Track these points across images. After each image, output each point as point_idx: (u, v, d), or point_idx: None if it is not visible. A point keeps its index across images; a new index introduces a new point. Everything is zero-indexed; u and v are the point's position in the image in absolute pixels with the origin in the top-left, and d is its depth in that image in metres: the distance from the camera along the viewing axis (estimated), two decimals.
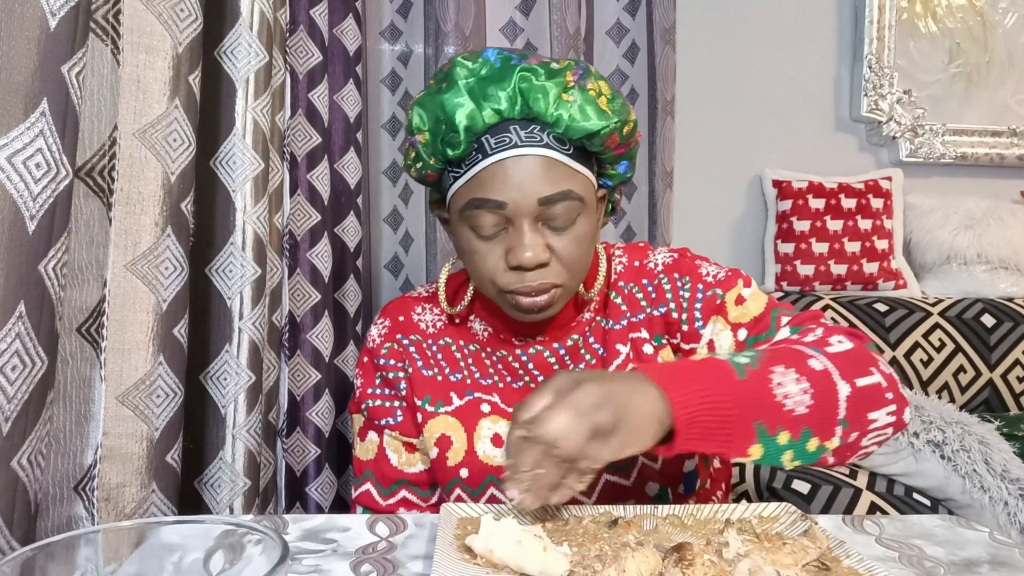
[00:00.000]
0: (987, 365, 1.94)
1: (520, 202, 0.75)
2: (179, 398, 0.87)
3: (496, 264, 0.77)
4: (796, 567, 0.57)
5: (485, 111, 0.74)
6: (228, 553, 0.47)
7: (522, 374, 0.88)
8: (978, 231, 2.09)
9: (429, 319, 0.92)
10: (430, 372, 0.90)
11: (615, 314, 0.88)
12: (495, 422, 0.87)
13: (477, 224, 0.77)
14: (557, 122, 0.75)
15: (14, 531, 0.63)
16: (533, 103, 0.74)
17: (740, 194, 2.23)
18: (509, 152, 0.75)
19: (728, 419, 0.64)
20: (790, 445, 0.65)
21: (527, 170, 0.75)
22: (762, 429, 0.64)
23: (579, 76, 0.77)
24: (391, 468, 0.91)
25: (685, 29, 1.99)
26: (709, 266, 0.88)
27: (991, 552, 0.68)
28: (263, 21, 1.00)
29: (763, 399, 0.65)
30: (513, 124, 0.75)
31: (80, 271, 0.75)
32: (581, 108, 0.75)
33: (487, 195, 0.75)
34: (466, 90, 0.75)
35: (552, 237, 0.77)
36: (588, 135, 0.76)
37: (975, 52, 2.26)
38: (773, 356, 0.69)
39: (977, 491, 1.46)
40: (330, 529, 0.71)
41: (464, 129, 0.74)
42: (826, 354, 0.70)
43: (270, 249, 1.07)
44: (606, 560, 0.57)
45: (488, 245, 0.78)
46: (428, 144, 0.78)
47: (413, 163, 0.82)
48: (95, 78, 0.75)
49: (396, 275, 1.73)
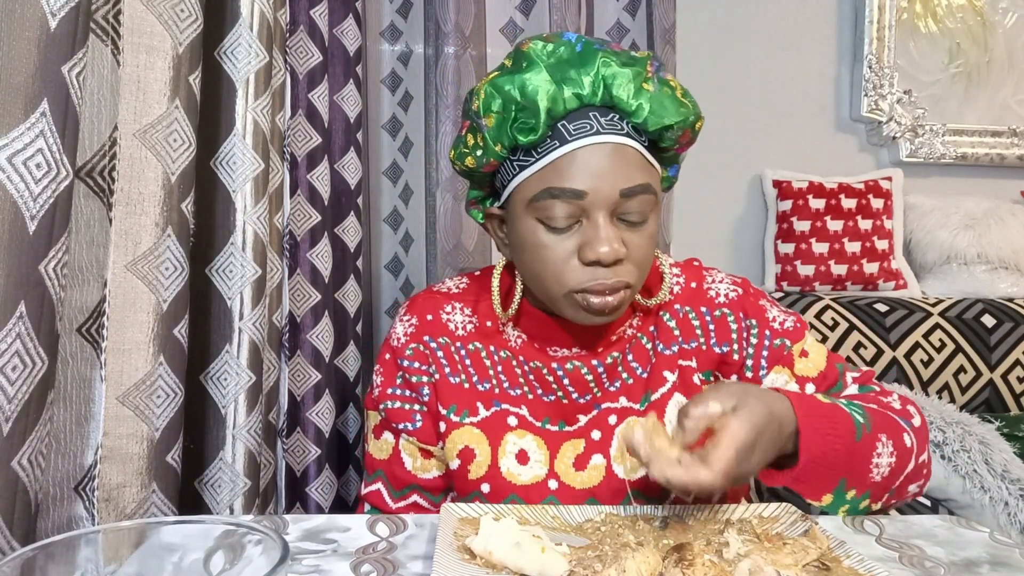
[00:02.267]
0: (987, 365, 1.94)
1: (601, 192, 0.71)
2: (179, 398, 0.87)
3: (567, 260, 0.73)
4: (796, 567, 0.57)
5: (566, 93, 0.71)
6: (228, 553, 0.47)
7: (555, 388, 0.84)
8: (978, 231, 2.09)
9: (459, 320, 0.87)
10: (457, 379, 0.85)
11: (666, 337, 0.84)
12: (521, 436, 0.83)
13: (549, 216, 0.72)
14: (637, 111, 0.72)
15: (14, 531, 0.63)
16: (616, 89, 0.71)
17: (740, 194, 2.23)
18: (590, 139, 0.71)
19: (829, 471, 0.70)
20: (851, 501, 0.72)
21: (608, 159, 0.71)
22: (843, 485, 0.71)
23: (656, 68, 0.75)
24: (404, 471, 0.88)
25: (685, 29, 1.98)
26: (774, 310, 0.85)
27: (991, 552, 0.68)
28: (263, 21, 1.00)
29: (860, 464, 0.71)
30: (593, 111, 0.72)
31: (80, 271, 0.75)
32: (660, 99, 0.73)
33: (565, 184, 0.71)
34: (548, 71, 0.71)
35: (626, 233, 0.73)
36: (665, 128, 0.73)
37: (975, 52, 2.26)
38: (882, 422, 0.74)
39: (977, 491, 1.46)
40: (330, 529, 0.71)
41: (545, 111, 0.70)
42: (913, 428, 0.77)
43: (270, 249, 1.07)
44: (606, 560, 0.57)
45: (559, 239, 0.73)
46: (497, 128, 0.73)
47: (471, 151, 0.77)
48: (95, 78, 0.75)
49: (396, 275, 1.73)
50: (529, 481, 0.82)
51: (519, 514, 0.70)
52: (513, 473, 0.82)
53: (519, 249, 0.77)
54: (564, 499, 0.81)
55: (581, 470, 0.82)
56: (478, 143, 0.76)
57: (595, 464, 0.82)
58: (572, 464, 0.82)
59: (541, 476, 0.82)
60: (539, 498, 0.81)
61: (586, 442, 0.83)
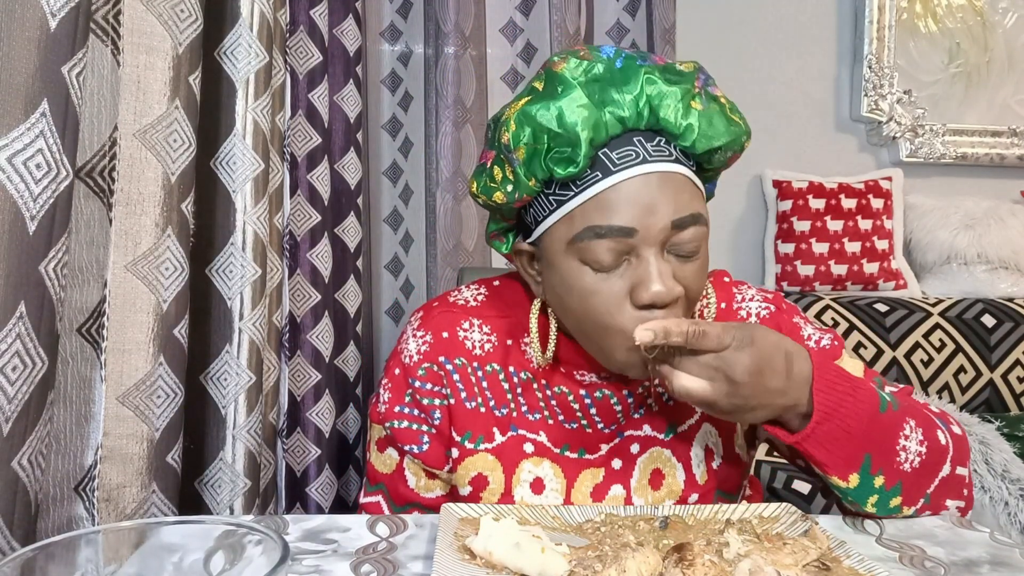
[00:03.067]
0: (987, 365, 1.94)
1: (652, 228, 0.64)
2: (179, 399, 0.87)
3: (615, 303, 0.66)
4: (797, 567, 0.57)
5: (607, 117, 0.63)
6: (228, 553, 0.47)
7: (580, 416, 0.78)
8: (978, 231, 2.09)
9: (477, 338, 0.79)
10: (473, 404, 0.79)
11: None
12: (537, 464, 0.78)
13: (595, 258, 0.65)
14: (686, 134, 0.65)
15: (14, 531, 0.63)
16: (663, 111, 0.64)
17: (740, 194, 2.23)
18: (637, 169, 0.64)
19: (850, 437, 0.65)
20: (880, 491, 0.67)
21: (658, 190, 0.64)
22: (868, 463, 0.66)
23: (704, 81, 0.67)
24: (407, 489, 0.83)
25: (685, 29, 1.99)
26: (808, 327, 0.81)
27: (992, 552, 0.68)
28: (263, 22, 1.00)
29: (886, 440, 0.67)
30: (637, 135, 0.65)
31: (80, 272, 0.75)
32: (709, 118, 0.65)
33: (612, 221, 0.64)
34: (586, 93, 0.63)
35: (678, 267, 0.66)
36: (714, 149, 0.66)
37: (975, 52, 2.26)
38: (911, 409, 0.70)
39: (978, 491, 1.46)
40: (330, 529, 0.71)
41: (587, 142, 0.63)
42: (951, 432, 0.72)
43: (270, 249, 1.07)
44: (606, 560, 0.57)
45: (608, 282, 0.66)
46: (530, 160, 0.65)
47: (500, 186, 0.68)
48: (95, 79, 0.75)
49: (396, 275, 1.73)
50: None
51: (519, 514, 0.70)
52: (527, 503, 0.77)
53: (559, 292, 0.70)
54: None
55: (599, 501, 0.78)
56: (508, 177, 0.68)
57: (614, 495, 0.79)
58: (589, 494, 0.79)
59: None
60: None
61: (605, 471, 0.79)
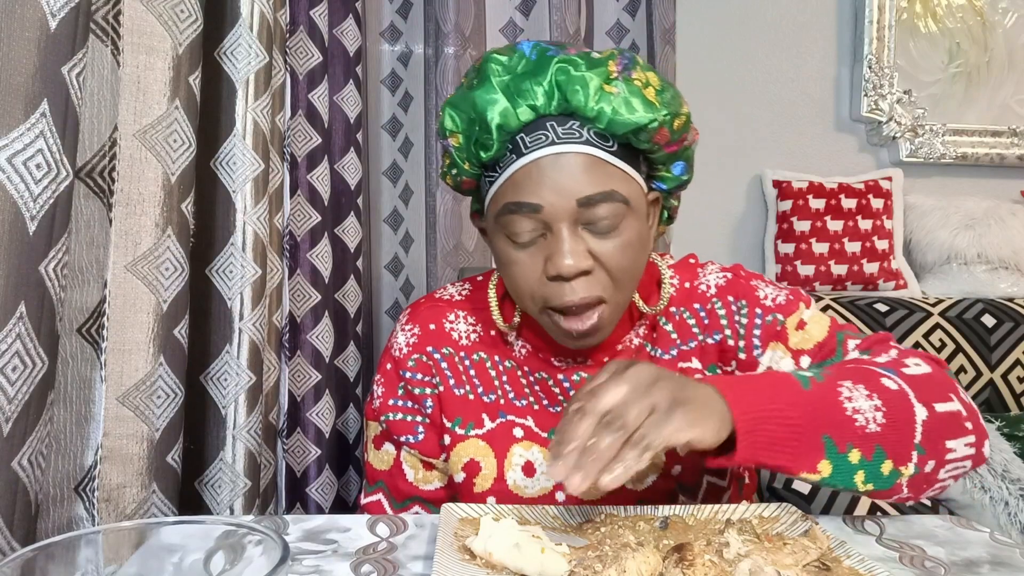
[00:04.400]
0: (987, 365, 1.94)
1: (557, 204, 0.69)
2: (179, 399, 0.87)
3: (535, 276, 0.71)
4: (797, 567, 0.57)
5: (520, 108, 0.69)
6: (229, 554, 0.47)
7: (562, 399, 0.82)
8: (978, 231, 2.09)
9: (463, 329, 0.85)
10: (462, 391, 0.83)
11: (664, 342, 0.82)
12: (527, 448, 0.81)
13: (513, 231, 0.71)
14: (598, 116, 0.69)
15: (14, 532, 0.63)
16: (571, 96, 0.68)
17: (740, 194, 2.23)
18: (545, 150, 0.69)
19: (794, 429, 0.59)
20: (862, 465, 0.61)
21: (564, 169, 0.69)
22: (831, 444, 0.60)
23: (623, 66, 0.70)
24: (406, 483, 0.86)
25: (685, 29, 1.99)
26: (766, 287, 0.81)
27: (992, 552, 0.68)
28: (263, 22, 1.00)
29: (831, 412, 0.61)
30: (550, 121, 0.70)
31: (80, 272, 0.75)
32: (626, 100, 0.69)
33: (521, 198, 0.70)
34: (500, 87, 0.69)
35: (595, 243, 0.70)
36: (634, 130, 0.70)
37: (975, 52, 2.26)
38: (841, 371, 0.65)
39: (978, 491, 1.46)
40: (330, 530, 0.71)
41: (497, 128, 0.69)
42: (901, 375, 0.66)
43: (270, 250, 1.07)
44: (606, 560, 0.57)
45: (526, 255, 0.72)
46: (462, 147, 0.73)
47: (448, 170, 0.77)
48: (95, 79, 0.75)
49: (396, 276, 1.73)
50: (536, 494, 0.81)
51: (519, 514, 0.70)
52: (520, 486, 0.81)
53: (498, 265, 0.77)
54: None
55: None
56: (453, 161, 0.76)
57: None
58: None
59: (548, 488, 0.81)
60: None
61: None
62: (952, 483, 0.66)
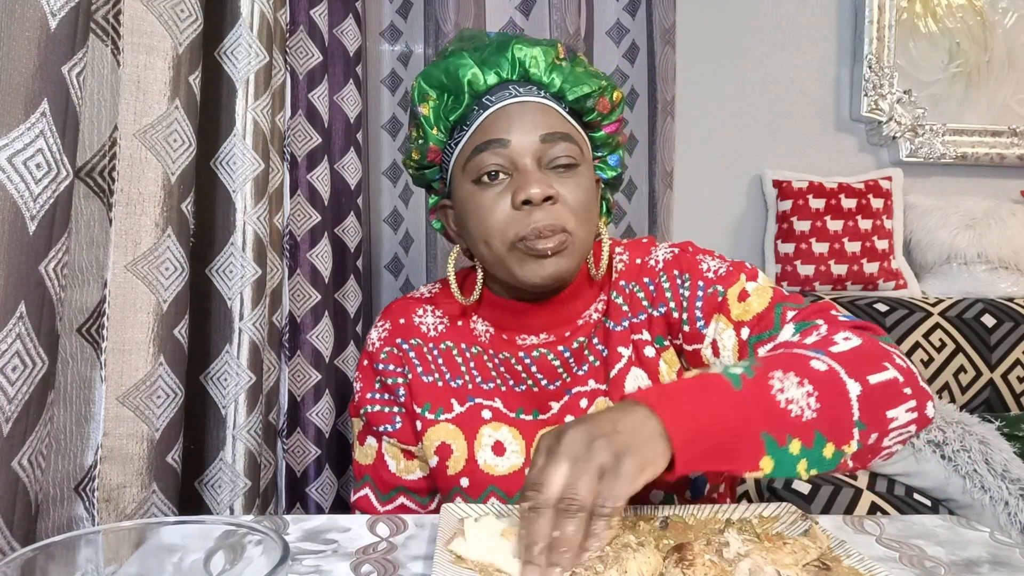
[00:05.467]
0: (987, 365, 1.94)
1: (523, 140, 0.78)
2: (179, 399, 0.87)
3: (504, 211, 0.78)
4: (797, 567, 0.57)
5: (487, 74, 0.80)
6: (229, 554, 0.47)
7: (525, 377, 0.86)
8: (978, 231, 2.09)
9: (431, 322, 0.90)
10: (430, 378, 0.88)
11: (616, 315, 0.86)
12: (496, 429, 0.85)
13: (480, 170, 0.78)
14: (551, 83, 0.80)
15: (15, 532, 0.63)
16: (530, 66, 0.80)
17: (740, 194, 2.23)
18: (509, 100, 0.79)
19: (730, 433, 0.59)
20: (804, 454, 0.61)
21: (527, 112, 0.79)
22: (770, 440, 0.60)
23: (568, 51, 0.83)
24: (389, 474, 0.90)
25: (685, 29, 1.99)
26: (711, 260, 0.84)
27: (992, 552, 0.68)
28: (263, 22, 1.00)
29: (766, 408, 0.61)
30: (511, 84, 0.81)
31: (80, 272, 0.75)
32: (572, 72, 0.81)
33: (489, 137, 0.78)
34: (470, 57, 0.80)
35: (555, 180, 0.78)
36: (583, 96, 0.81)
37: (975, 52, 2.26)
38: (769, 362, 0.65)
39: (978, 491, 1.46)
40: (330, 529, 0.71)
41: (468, 84, 0.79)
42: (829, 354, 0.66)
43: (270, 250, 1.07)
44: (607, 560, 0.57)
45: (492, 193, 0.78)
46: (432, 111, 0.82)
47: (414, 142, 0.84)
48: (95, 79, 0.75)
49: (396, 275, 1.73)
50: (507, 471, 0.84)
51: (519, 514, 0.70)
52: (490, 465, 0.84)
53: (464, 221, 0.82)
54: None
55: None
56: (419, 133, 0.83)
57: None
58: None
59: (518, 465, 0.84)
60: (518, 487, 0.83)
61: None
62: (900, 447, 0.66)
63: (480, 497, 0.84)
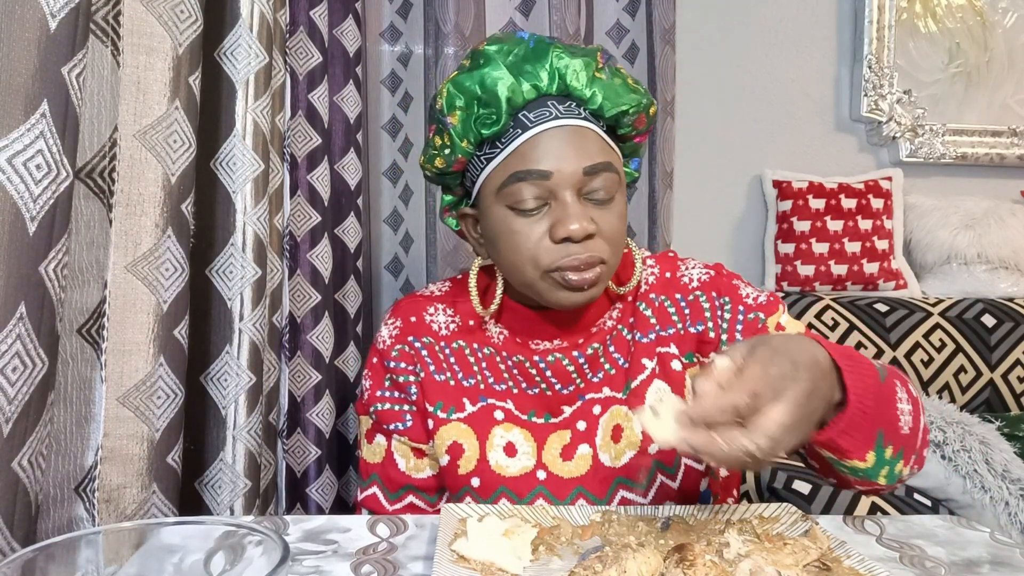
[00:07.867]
0: (988, 365, 1.94)
1: (565, 171, 0.74)
2: (179, 399, 0.87)
3: (539, 242, 0.75)
4: (797, 567, 0.57)
5: (524, 86, 0.75)
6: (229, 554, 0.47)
7: (539, 380, 0.85)
8: (978, 231, 2.09)
9: (442, 320, 0.89)
10: (442, 377, 0.87)
11: (643, 326, 0.85)
12: (508, 430, 0.84)
13: (518, 200, 0.75)
14: (592, 98, 0.76)
15: (15, 532, 0.63)
16: (570, 79, 0.76)
17: (740, 194, 2.23)
18: (550, 123, 0.75)
19: (866, 417, 0.61)
20: (889, 462, 0.65)
21: (569, 140, 0.75)
22: (880, 438, 0.63)
23: (606, 59, 0.79)
24: (399, 473, 0.89)
25: (685, 29, 1.99)
26: (747, 287, 0.86)
27: (992, 552, 0.68)
28: (263, 22, 1.00)
29: (889, 408, 0.64)
30: (551, 99, 0.76)
31: (80, 272, 0.75)
32: (612, 86, 0.77)
33: (530, 166, 0.74)
34: (505, 65, 0.75)
35: (594, 211, 0.76)
36: (621, 113, 0.78)
37: (975, 52, 2.26)
38: (891, 370, 0.69)
39: (978, 491, 1.46)
40: (331, 530, 0.71)
41: (505, 101, 0.74)
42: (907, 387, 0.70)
43: (270, 250, 1.07)
44: (607, 561, 0.57)
45: (530, 222, 0.75)
46: (461, 124, 0.77)
47: (439, 151, 0.80)
48: (95, 79, 0.75)
49: (396, 276, 1.73)
50: (517, 473, 0.83)
51: (519, 514, 0.70)
52: (501, 465, 0.84)
53: (493, 240, 0.79)
54: (552, 489, 0.82)
55: (568, 460, 0.84)
56: (445, 143, 0.79)
57: (582, 454, 0.84)
58: (559, 455, 0.84)
59: (529, 467, 0.84)
60: (528, 489, 0.82)
61: (572, 433, 0.84)
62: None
63: (491, 498, 0.83)
